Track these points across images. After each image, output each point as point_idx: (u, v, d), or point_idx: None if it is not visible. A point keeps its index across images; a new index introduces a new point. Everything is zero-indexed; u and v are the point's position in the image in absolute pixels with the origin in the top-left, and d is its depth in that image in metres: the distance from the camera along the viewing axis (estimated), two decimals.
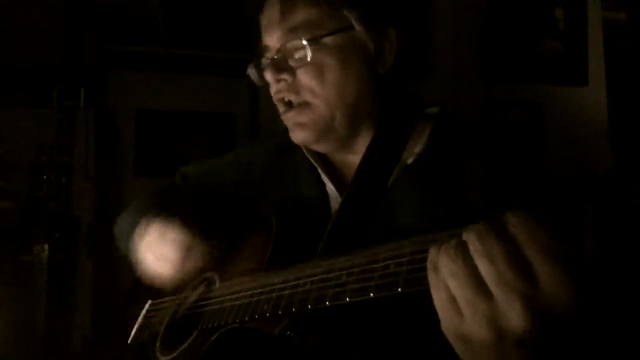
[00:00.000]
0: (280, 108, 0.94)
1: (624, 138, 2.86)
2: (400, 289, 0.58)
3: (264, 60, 0.94)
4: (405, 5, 1.01)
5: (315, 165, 0.98)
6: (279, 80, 0.91)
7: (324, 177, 0.97)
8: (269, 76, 0.91)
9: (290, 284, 0.73)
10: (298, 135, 0.94)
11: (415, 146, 0.92)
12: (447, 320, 0.55)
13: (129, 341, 1.00)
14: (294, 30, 0.88)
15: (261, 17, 0.95)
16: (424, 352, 0.73)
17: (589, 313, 0.51)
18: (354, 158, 0.96)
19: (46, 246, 2.23)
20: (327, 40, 0.88)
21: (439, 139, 0.92)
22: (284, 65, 0.90)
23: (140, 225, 1.01)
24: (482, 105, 2.78)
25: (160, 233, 0.97)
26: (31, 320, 2.17)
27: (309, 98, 0.90)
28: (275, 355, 0.77)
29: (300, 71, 0.89)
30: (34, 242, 2.24)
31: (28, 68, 2.46)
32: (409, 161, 0.91)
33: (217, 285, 0.93)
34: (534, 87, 2.88)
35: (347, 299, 0.63)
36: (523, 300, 0.50)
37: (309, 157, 0.99)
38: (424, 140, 0.93)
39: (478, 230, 0.53)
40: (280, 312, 0.72)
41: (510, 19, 2.88)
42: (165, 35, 2.63)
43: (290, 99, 0.91)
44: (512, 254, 0.50)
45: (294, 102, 0.91)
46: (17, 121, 2.41)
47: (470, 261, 0.52)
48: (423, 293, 0.57)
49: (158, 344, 0.95)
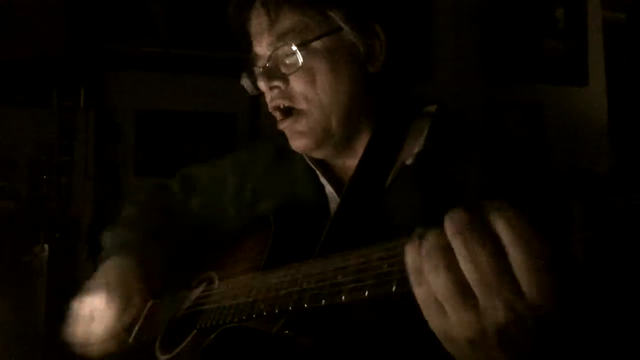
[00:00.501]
0: (277, 116, 0.94)
1: (624, 138, 2.86)
2: (394, 289, 0.58)
3: (256, 69, 0.94)
4: (392, 1, 1.00)
5: (314, 168, 0.98)
6: (272, 88, 0.91)
7: (322, 180, 0.97)
8: (262, 85, 0.91)
9: (287, 283, 0.74)
10: (298, 144, 0.94)
11: (414, 146, 0.92)
12: (432, 319, 0.55)
13: (130, 341, 1.00)
14: (282, 37, 0.88)
15: (249, 27, 0.95)
16: (421, 352, 0.73)
17: (575, 315, 0.51)
18: (352, 161, 0.95)
19: (46, 246, 2.23)
20: (316, 44, 0.88)
21: (437, 139, 0.92)
22: (275, 73, 0.90)
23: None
24: (482, 105, 2.78)
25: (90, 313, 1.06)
26: (31, 320, 2.17)
27: (303, 104, 0.90)
28: (273, 354, 0.77)
29: (292, 77, 0.89)
30: (34, 242, 2.24)
31: (28, 68, 2.46)
32: (408, 162, 0.91)
33: (216, 284, 0.93)
34: (534, 87, 2.88)
35: (343, 299, 0.63)
36: (506, 304, 0.49)
37: (307, 161, 0.99)
38: (422, 140, 0.92)
39: (460, 226, 0.51)
40: (277, 312, 0.73)
41: (510, 19, 2.88)
42: (165, 35, 2.63)
43: (285, 105, 0.91)
44: (497, 258, 0.49)
45: (289, 109, 0.91)
46: (17, 121, 2.41)
47: (454, 266, 0.51)
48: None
49: (157, 344, 0.96)
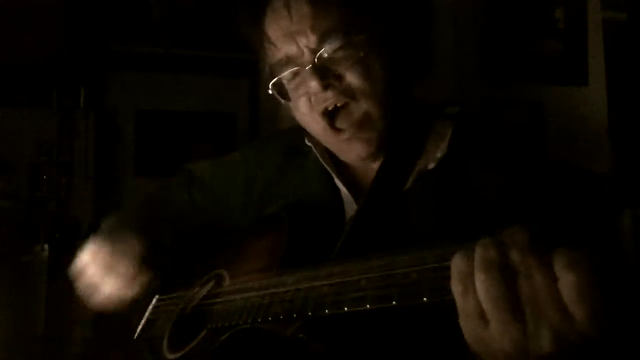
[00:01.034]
0: (323, 121, 0.87)
1: (624, 138, 2.86)
2: (425, 299, 0.56)
3: (288, 74, 0.87)
4: (410, 5, 0.99)
5: (329, 170, 0.95)
6: (327, 87, 0.84)
7: (337, 183, 0.94)
8: (314, 85, 0.84)
9: (305, 286, 0.71)
10: (360, 151, 0.89)
11: (436, 150, 0.89)
12: (470, 329, 0.54)
13: (135, 336, 0.99)
14: (329, 33, 0.84)
15: (270, 29, 0.89)
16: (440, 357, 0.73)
17: (621, 344, 0.51)
18: (374, 163, 0.93)
19: (46, 246, 2.23)
20: (362, 38, 0.85)
21: (461, 143, 0.89)
22: (328, 71, 0.85)
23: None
24: (482, 105, 2.77)
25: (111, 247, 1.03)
26: (31, 320, 2.17)
27: (362, 99, 0.86)
28: (286, 357, 0.76)
29: (348, 73, 0.85)
30: (34, 242, 2.24)
31: (28, 68, 2.46)
32: (430, 166, 0.88)
33: (227, 282, 0.91)
34: (534, 87, 2.88)
35: (368, 306, 0.61)
36: (554, 330, 0.49)
37: (322, 162, 0.96)
38: (445, 144, 0.89)
39: (522, 246, 0.51)
40: (295, 316, 0.70)
41: (510, 19, 2.88)
42: (165, 35, 2.63)
43: (341, 104, 0.86)
44: (552, 281, 0.49)
45: (346, 106, 0.86)
46: (17, 121, 2.41)
47: (512, 282, 0.51)
48: (447, 303, 0.55)
49: (165, 341, 0.94)
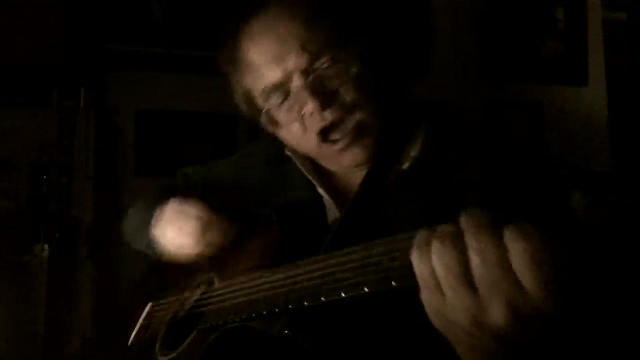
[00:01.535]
0: (317, 138, 0.87)
1: (624, 138, 2.86)
2: (394, 283, 0.58)
3: (275, 99, 0.87)
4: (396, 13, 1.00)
5: (311, 179, 0.96)
6: (325, 106, 0.84)
7: (320, 190, 0.95)
8: (312, 106, 0.83)
9: (288, 281, 0.73)
10: (357, 158, 0.89)
11: (411, 149, 0.91)
12: (428, 297, 0.55)
13: (129, 342, 1.00)
14: (321, 50, 0.83)
15: (253, 54, 0.87)
16: (422, 352, 0.74)
17: (575, 316, 0.52)
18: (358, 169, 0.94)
19: (46, 246, 2.23)
20: (353, 51, 0.85)
21: (434, 142, 0.90)
22: (324, 89, 0.84)
23: (156, 210, 0.98)
24: (482, 105, 2.78)
25: (179, 209, 0.94)
26: (31, 320, 2.17)
27: (357, 113, 0.86)
28: (274, 354, 0.77)
29: (343, 89, 0.85)
30: (34, 242, 2.24)
31: (28, 68, 2.46)
32: (405, 166, 0.90)
33: (217, 285, 0.93)
34: (534, 87, 2.88)
35: (342, 294, 0.63)
36: (506, 301, 0.50)
37: (303, 171, 0.97)
38: (419, 143, 0.91)
39: (476, 223, 0.52)
40: (277, 310, 0.72)
41: (510, 19, 2.88)
42: (165, 35, 2.63)
43: (338, 118, 0.85)
44: (507, 261, 0.50)
45: (341, 119, 0.86)
46: (17, 121, 2.41)
47: (464, 253, 0.52)
48: (418, 289, 0.57)
49: (158, 344, 0.95)
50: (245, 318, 0.77)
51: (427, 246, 0.54)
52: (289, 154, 0.99)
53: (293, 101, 0.86)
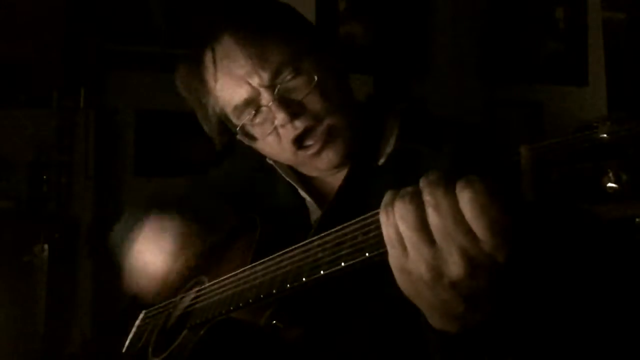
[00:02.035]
0: (293, 147, 0.92)
1: None
2: (367, 254, 0.61)
3: (247, 115, 0.91)
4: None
5: (293, 183, 1.00)
6: (294, 116, 0.88)
7: (302, 193, 1.00)
8: (281, 117, 0.88)
9: (271, 269, 0.76)
10: (331, 159, 0.93)
11: (387, 145, 0.95)
12: (394, 256, 0.59)
13: (123, 351, 1.01)
14: (280, 66, 0.88)
15: (217, 80, 0.92)
16: (409, 340, 0.75)
17: (527, 263, 0.58)
18: (339, 174, 0.98)
19: (46, 246, 2.23)
20: (310, 61, 0.90)
21: (407, 136, 0.95)
22: (290, 101, 0.89)
23: (135, 225, 1.03)
24: (482, 105, 2.78)
25: (155, 228, 0.99)
26: (31, 320, 2.17)
27: (327, 117, 0.91)
28: (262, 345, 0.79)
29: (308, 98, 0.89)
30: (34, 242, 2.24)
31: (28, 68, 2.46)
32: (381, 162, 0.94)
33: (206, 285, 0.94)
34: (534, 87, 2.88)
35: (322, 272, 0.66)
36: (461, 252, 0.54)
37: (285, 177, 1.01)
38: (393, 139, 0.95)
39: (432, 182, 0.56)
40: (262, 297, 0.74)
41: (510, 19, 2.88)
42: (165, 35, 2.63)
43: (308, 127, 0.90)
44: (458, 212, 0.54)
45: (312, 127, 0.90)
46: (17, 121, 2.41)
47: (421, 209, 0.56)
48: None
49: (150, 349, 0.96)
50: (232, 309, 0.79)
51: (391, 206, 0.58)
52: (270, 162, 1.04)
53: (265, 115, 0.91)
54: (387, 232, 0.59)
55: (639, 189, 0.45)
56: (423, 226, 0.56)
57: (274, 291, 0.72)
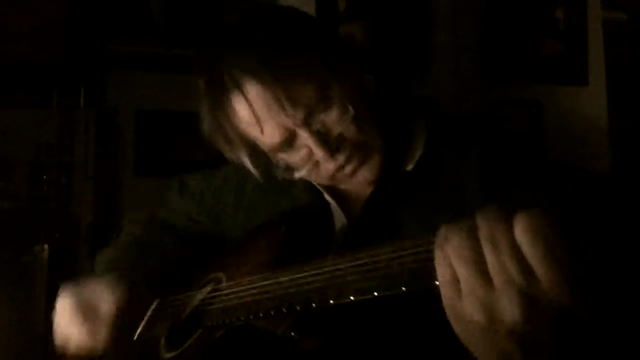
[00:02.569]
0: (333, 173, 0.89)
1: (624, 138, 2.86)
2: (403, 288, 0.58)
3: (284, 151, 0.88)
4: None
5: (319, 188, 0.97)
6: (334, 152, 0.86)
7: (327, 197, 0.96)
8: (322, 155, 0.85)
9: (296, 282, 0.73)
10: (367, 176, 0.90)
11: (416, 150, 0.92)
12: (447, 298, 0.55)
13: (134, 338, 1.00)
14: (312, 104, 0.84)
15: (249, 127, 0.88)
16: (428, 357, 0.74)
17: (590, 314, 0.52)
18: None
19: (46, 246, 2.23)
20: (339, 92, 0.86)
21: (436, 140, 0.92)
22: (329, 137, 0.86)
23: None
24: (482, 105, 2.78)
25: (86, 304, 1.03)
26: (31, 320, 2.17)
27: (365, 147, 0.88)
28: (276, 355, 0.77)
29: (346, 130, 0.86)
30: (34, 242, 2.24)
31: (28, 67, 2.46)
32: (409, 167, 0.91)
33: (224, 284, 0.93)
34: (534, 87, 2.88)
35: (351, 298, 0.63)
36: (521, 295, 0.50)
37: (313, 183, 0.98)
38: (422, 142, 0.92)
39: (491, 217, 0.53)
40: (284, 310, 0.72)
41: (510, 19, 2.88)
42: (165, 35, 2.63)
43: (350, 154, 0.87)
44: (515, 246, 0.50)
45: (354, 153, 0.88)
46: (17, 121, 2.41)
47: (478, 245, 0.52)
48: (426, 294, 0.57)
49: (163, 342, 0.95)
50: (252, 317, 0.77)
51: (447, 243, 0.55)
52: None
53: (303, 151, 0.88)
54: (442, 272, 0.55)
55: None
56: (480, 263, 0.52)
57: (298, 308, 0.71)
